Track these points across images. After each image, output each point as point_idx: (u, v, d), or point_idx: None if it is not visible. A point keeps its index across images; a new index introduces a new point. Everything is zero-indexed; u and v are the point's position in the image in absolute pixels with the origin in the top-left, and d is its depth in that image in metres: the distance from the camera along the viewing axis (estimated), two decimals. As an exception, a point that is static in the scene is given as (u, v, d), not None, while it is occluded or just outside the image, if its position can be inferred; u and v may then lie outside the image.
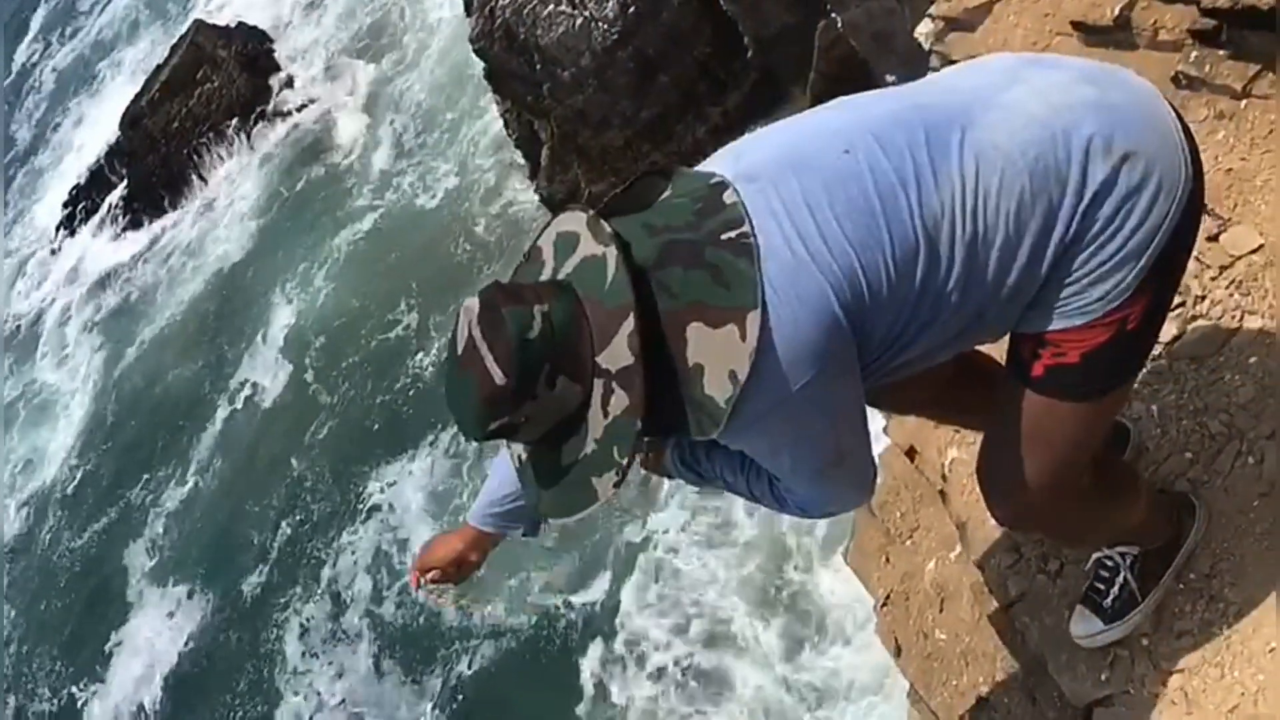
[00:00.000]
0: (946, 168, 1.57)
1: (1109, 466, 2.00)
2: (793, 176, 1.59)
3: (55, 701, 11.53)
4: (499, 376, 1.51)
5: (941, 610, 2.97)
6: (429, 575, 2.14)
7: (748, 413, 1.56)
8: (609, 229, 1.58)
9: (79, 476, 13.33)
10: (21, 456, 14.17)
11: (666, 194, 1.66)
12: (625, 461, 1.57)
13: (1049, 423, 1.76)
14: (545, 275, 1.64)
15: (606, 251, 1.57)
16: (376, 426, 11.14)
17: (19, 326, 16.15)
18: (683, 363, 1.57)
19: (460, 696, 8.85)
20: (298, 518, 10.99)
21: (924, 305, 1.61)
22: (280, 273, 13.56)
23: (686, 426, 1.60)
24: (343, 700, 9.45)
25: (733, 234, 1.56)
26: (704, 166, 1.71)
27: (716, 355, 1.54)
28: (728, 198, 1.59)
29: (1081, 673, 2.31)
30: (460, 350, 1.56)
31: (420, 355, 11.43)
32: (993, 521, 2.57)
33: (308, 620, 10.15)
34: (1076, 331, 1.66)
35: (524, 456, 1.72)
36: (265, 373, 12.59)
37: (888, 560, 3.28)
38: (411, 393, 11.15)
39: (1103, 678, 2.28)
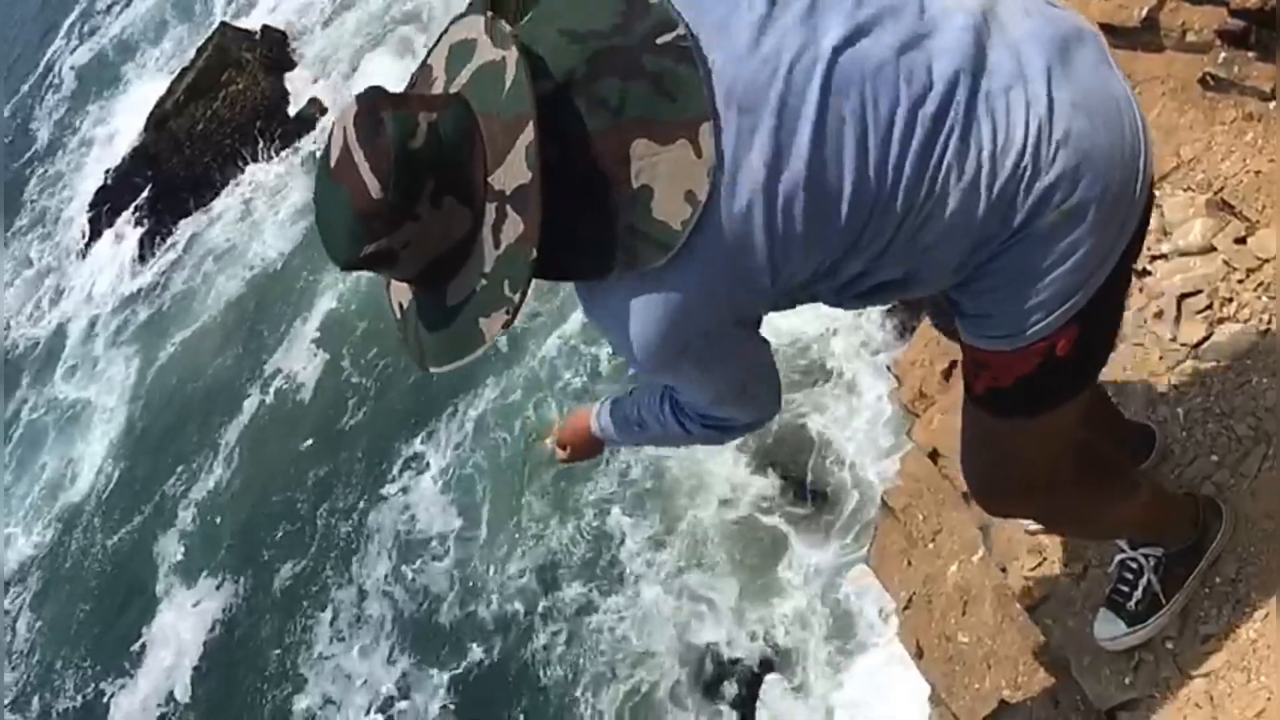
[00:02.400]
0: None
1: (1096, 457, 1.98)
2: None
3: (83, 697, 11.64)
4: (375, 189, 1.32)
5: (964, 613, 2.96)
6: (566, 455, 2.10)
7: (701, 247, 1.38)
8: (508, 29, 1.40)
9: (111, 480, 13.42)
10: (55, 465, 14.31)
11: None
12: (517, 297, 1.38)
13: (996, 435, 1.77)
14: (437, 89, 1.45)
15: (506, 55, 1.38)
16: (404, 412, 11.23)
17: (41, 337, 16.28)
18: (622, 188, 1.38)
19: (484, 680, 8.92)
20: (325, 506, 11.08)
21: (865, 238, 1.47)
22: (308, 270, 13.64)
23: (609, 263, 1.40)
24: (365, 680, 9.55)
25: (669, 36, 1.40)
26: None
27: (668, 174, 1.37)
28: None
29: (1105, 676, 2.30)
30: (333, 160, 1.37)
31: None
32: (1015, 524, 2.57)
33: (332, 606, 10.25)
34: (1006, 356, 1.62)
35: (404, 306, 1.54)
36: (295, 367, 12.66)
37: (910, 563, 3.27)
38: (440, 380, 11.26)
39: (1126, 681, 2.26)
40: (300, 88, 15.79)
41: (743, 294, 1.46)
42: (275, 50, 15.99)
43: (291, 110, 15.64)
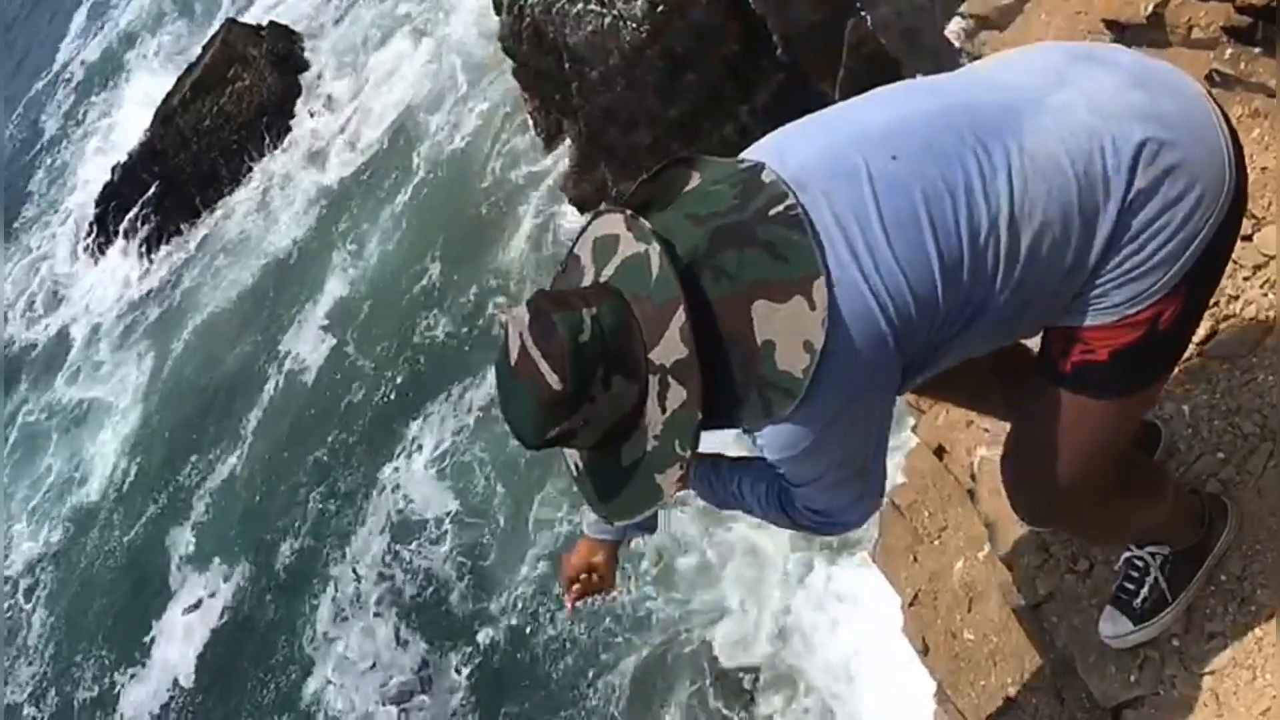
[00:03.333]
0: (995, 178, 1.56)
1: (1134, 463, 1.99)
2: (841, 186, 1.57)
3: (96, 688, 11.75)
4: (555, 381, 1.51)
5: (970, 610, 2.96)
6: (575, 591, 2.11)
7: (824, 385, 1.54)
8: (648, 225, 1.58)
9: (121, 474, 13.54)
10: (65, 460, 14.37)
11: (698, 183, 1.65)
12: (689, 454, 1.56)
13: (1075, 420, 1.76)
14: (587, 280, 1.63)
15: (649, 249, 1.56)
16: (409, 401, 11.35)
17: (46, 334, 16.36)
18: (749, 344, 1.55)
19: (490, 661, 8.98)
20: (332, 494, 11.25)
21: (965, 313, 1.61)
22: (314, 264, 13.70)
23: (746, 413, 1.58)
24: (373, 664, 9.65)
25: (780, 208, 1.55)
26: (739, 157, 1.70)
27: (787, 329, 1.53)
28: (766, 177, 1.59)
29: (1110, 673, 2.30)
30: (513, 360, 1.55)
31: (453, 328, 11.63)
32: (1021, 521, 2.56)
33: (338, 589, 10.41)
34: (1107, 329, 1.65)
35: (580, 465, 1.71)
36: (303, 357, 12.80)
37: (915, 559, 3.27)
38: (444, 361, 11.34)
39: (1132, 679, 2.26)
40: (308, 83, 15.81)
41: (878, 375, 1.60)
42: (282, 46, 16.01)
43: (299, 106, 15.66)
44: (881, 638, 6.57)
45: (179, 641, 11.28)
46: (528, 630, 8.95)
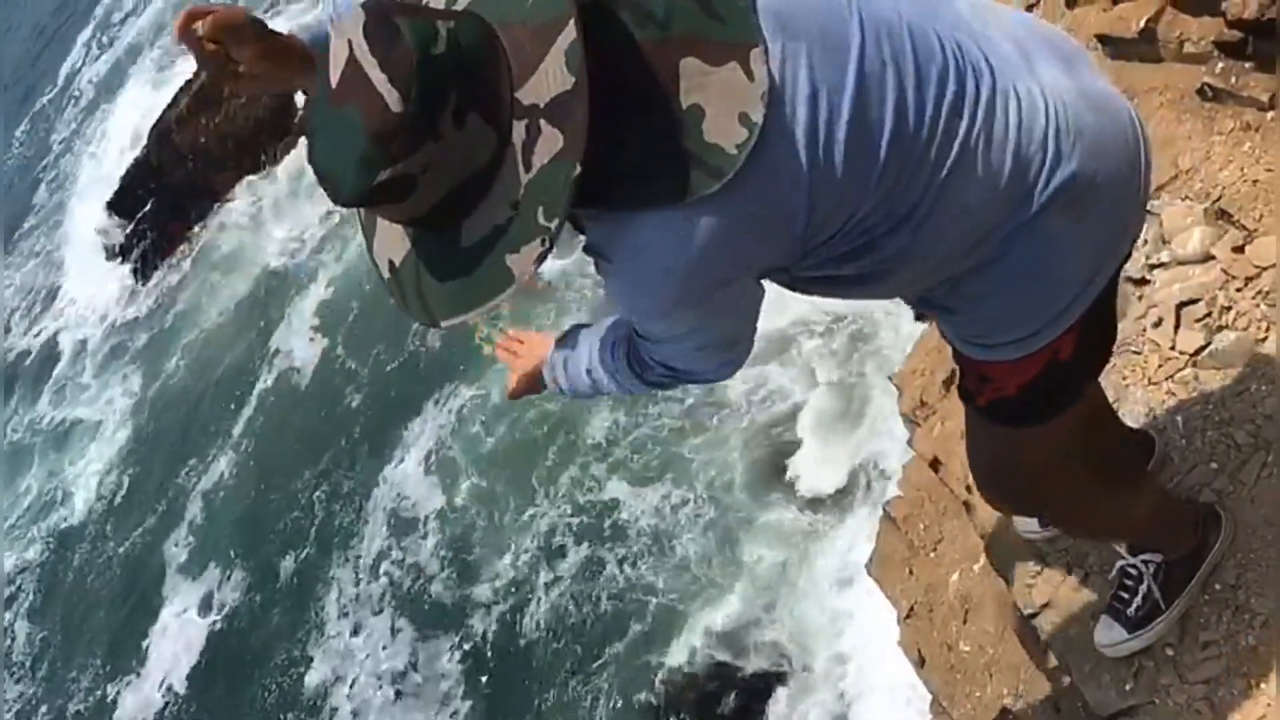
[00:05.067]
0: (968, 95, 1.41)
1: (1107, 455, 2.01)
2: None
3: (91, 698, 11.71)
4: (395, 100, 1.16)
5: (966, 621, 2.97)
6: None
7: (750, 177, 1.27)
8: None
9: (111, 485, 13.53)
10: (54, 472, 14.38)
11: None
12: (554, 225, 1.22)
13: (1003, 443, 1.79)
14: (442, 3, 1.30)
15: None
16: (398, 399, 11.35)
17: (42, 347, 16.37)
18: (670, 106, 1.26)
19: (487, 654, 9.07)
20: (322, 495, 11.25)
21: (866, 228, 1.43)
22: (309, 276, 13.73)
23: (647, 190, 1.27)
24: (372, 657, 9.67)
25: None
26: None
27: (721, 96, 1.26)
28: None
29: (1106, 683, 2.30)
30: (336, 79, 1.19)
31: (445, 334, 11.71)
32: (1016, 532, 2.58)
33: (334, 588, 10.39)
34: (1009, 365, 1.62)
35: (397, 262, 1.35)
36: (293, 363, 12.84)
37: (911, 572, 3.28)
38: (433, 365, 11.43)
39: (1127, 688, 2.27)
40: (302, 100, 15.83)
41: (776, 236, 1.35)
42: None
43: (294, 123, 15.68)
44: (877, 650, 6.58)
45: (174, 646, 11.29)
46: (521, 619, 9.04)
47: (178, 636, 11.35)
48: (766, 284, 1.50)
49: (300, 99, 15.88)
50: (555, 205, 1.21)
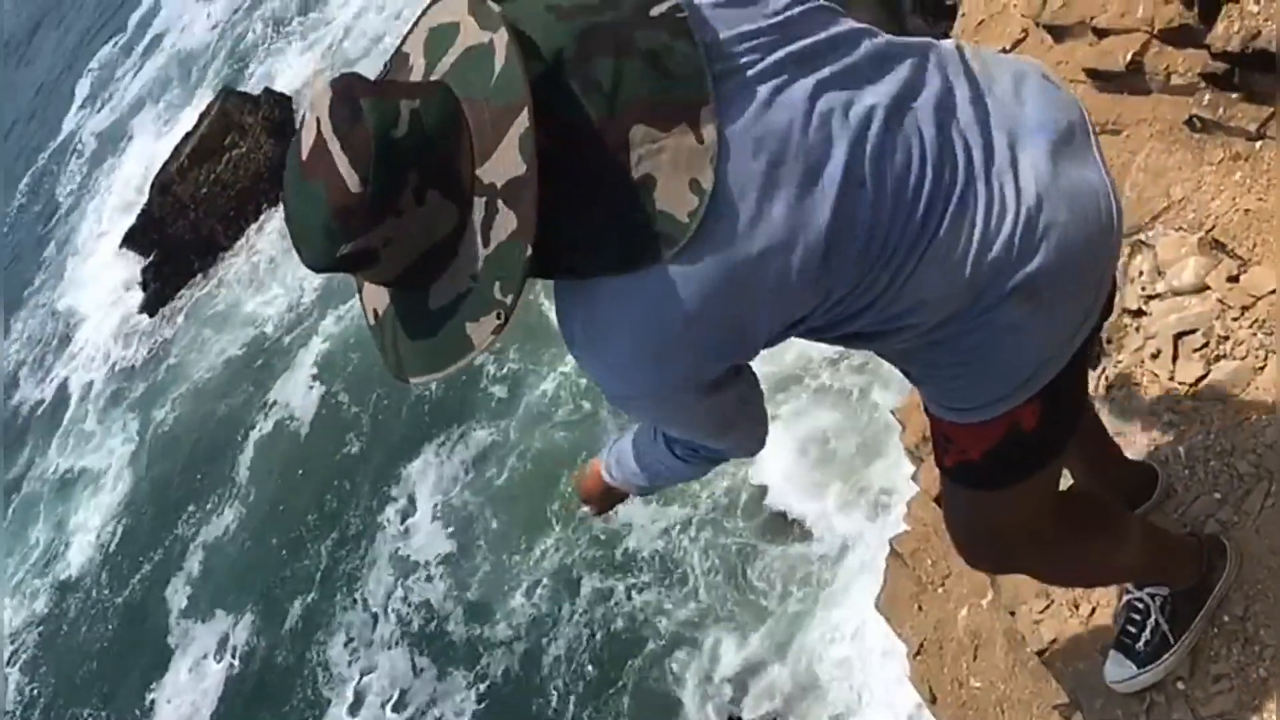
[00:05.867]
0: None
1: (1079, 510, 1.97)
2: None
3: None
4: (354, 182, 1.21)
5: (975, 658, 2.95)
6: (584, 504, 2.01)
7: (706, 247, 1.28)
8: (495, 9, 1.28)
9: (113, 537, 13.54)
10: (53, 527, 14.39)
11: None
12: (510, 300, 1.26)
13: (972, 506, 1.78)
14: (415, 77, 1.33)
15: (494, 38, 1.26)
16: (400, 444, 11.42)
17: (45, 399, 16.44)
18: (622, 177, 1.28)
19: (501, 690, 9.06)
20: (328, 540, 11.24)
21: (858, 290, 1.43)
22: (310, 325, 13.79)
23: (609, 259, 1.29)
24: (387, 697, 9.66)
25: (662, 8, 1.32)
26: None
27: (670, 162, 1.27)
28: None
29: (1117, 718, 2.29)
30: (305, 152, 1.24)
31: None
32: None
33: (347, 633, 10.38)
34: (971, 429, 1.62)
35: (380, 311, 1.40)
36: (292, 412, 12.90)
37: (920, 608, 3.26)
38: (436, 409, 11.45)
39: (1139, 723, 2.26)
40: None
41: (739, 312, 1.35)
42: (279, 113, 16.17)
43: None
44: (888, 687, 6.53)
45: (189, 694, 11.26)
46: (533, 654, 9.01)
47: (190, 685, 11.34)
48: None
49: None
50: (511, 281, 1.25)
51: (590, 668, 8.62)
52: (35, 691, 12.82)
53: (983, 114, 1.47)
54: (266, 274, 15.09)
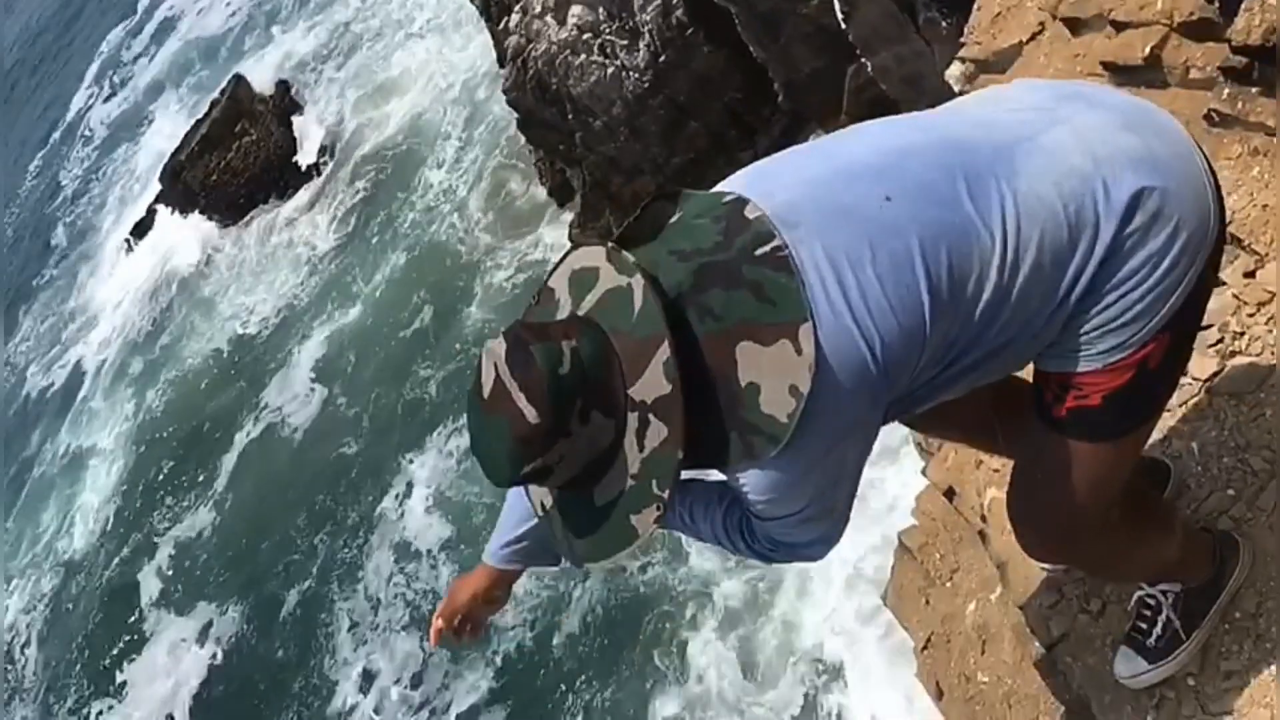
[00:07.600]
0: (990, 221, 1.56)
1: (1140, 499, 1.99)
2: (833, 225, 1.54)
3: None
4: (532, 415, 1.46)
5: (983, 652, 2.94)
6: (443, 624, 2.05)
7: (809, 430, 1.51)
8: (631, 259, 1.55)
9: (110, 521, 13.61)
10: (53, 511, 14.43)
11: (679, 216, 1.63)
12: (666, 494, 1.52)
13: (1073, 462, 1.77)
14: (564, 313, 1.60)
15: (632, 282, 1.53)
16: (397, 436, 11.54)
17: (52, 384, 16.49)
18: (732, 386, 1.51)
19: (503, 672, 9.20)
20: (325, 528, 11.33)
21: (950, 355, 1.61)
22: (314, 314, 13.81)
23: (728, 455, 1.55)
24: (393, 680, 9.76)
25: (767, 248, 1.53)
26: (718, 186, 1.69)
27: (772, 372, 1.50)
28: (750, 212, 1.56)
29: (1127, 714, 2.28)
30: (487, 392, 1.51)
31: (444, 375, 11.83)
32: (1033, 561, 2.56)
33: (350, 619, 10.47)
34: (1098, 374, 1.66)
35: (547, 505, 1.67)
36: (293, 400, 12.94)
37: (928, 602, 3.25)
38: (437, 405, 11.58)
39: (1148, 719, 2.25)
40: (312, 137, 15.97)
41: (864, 420, 1.59)
42: (288, 100, 16.20)
43: (302, 161, 15.80)
44: (895, 682, 6.52)
45: (166, 680, 11.34)
46: (544, 633, 9.13)
47: (171, 674, 11.45)
48: None
49: (309, 136, 15.92)
50: (666, 478, 1.52)
51: (601, 641, 8.71)
52: (36, 672, 12.87)
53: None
54: (273, 258, 15.10)
